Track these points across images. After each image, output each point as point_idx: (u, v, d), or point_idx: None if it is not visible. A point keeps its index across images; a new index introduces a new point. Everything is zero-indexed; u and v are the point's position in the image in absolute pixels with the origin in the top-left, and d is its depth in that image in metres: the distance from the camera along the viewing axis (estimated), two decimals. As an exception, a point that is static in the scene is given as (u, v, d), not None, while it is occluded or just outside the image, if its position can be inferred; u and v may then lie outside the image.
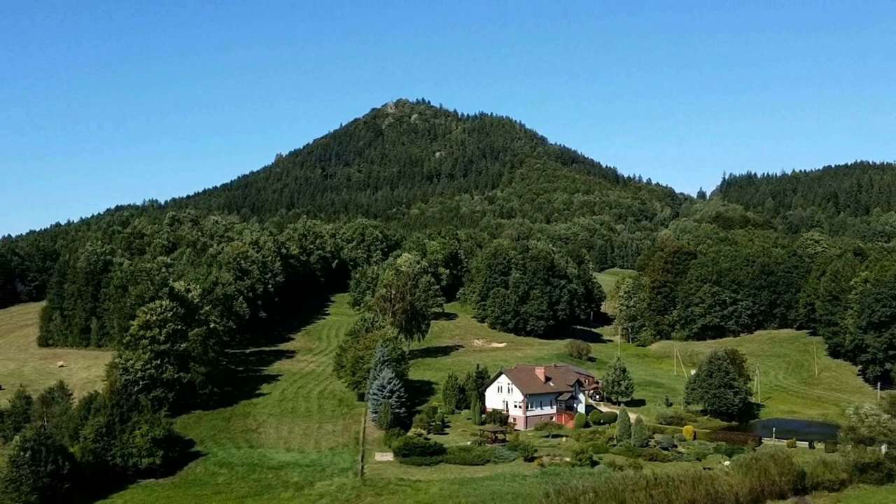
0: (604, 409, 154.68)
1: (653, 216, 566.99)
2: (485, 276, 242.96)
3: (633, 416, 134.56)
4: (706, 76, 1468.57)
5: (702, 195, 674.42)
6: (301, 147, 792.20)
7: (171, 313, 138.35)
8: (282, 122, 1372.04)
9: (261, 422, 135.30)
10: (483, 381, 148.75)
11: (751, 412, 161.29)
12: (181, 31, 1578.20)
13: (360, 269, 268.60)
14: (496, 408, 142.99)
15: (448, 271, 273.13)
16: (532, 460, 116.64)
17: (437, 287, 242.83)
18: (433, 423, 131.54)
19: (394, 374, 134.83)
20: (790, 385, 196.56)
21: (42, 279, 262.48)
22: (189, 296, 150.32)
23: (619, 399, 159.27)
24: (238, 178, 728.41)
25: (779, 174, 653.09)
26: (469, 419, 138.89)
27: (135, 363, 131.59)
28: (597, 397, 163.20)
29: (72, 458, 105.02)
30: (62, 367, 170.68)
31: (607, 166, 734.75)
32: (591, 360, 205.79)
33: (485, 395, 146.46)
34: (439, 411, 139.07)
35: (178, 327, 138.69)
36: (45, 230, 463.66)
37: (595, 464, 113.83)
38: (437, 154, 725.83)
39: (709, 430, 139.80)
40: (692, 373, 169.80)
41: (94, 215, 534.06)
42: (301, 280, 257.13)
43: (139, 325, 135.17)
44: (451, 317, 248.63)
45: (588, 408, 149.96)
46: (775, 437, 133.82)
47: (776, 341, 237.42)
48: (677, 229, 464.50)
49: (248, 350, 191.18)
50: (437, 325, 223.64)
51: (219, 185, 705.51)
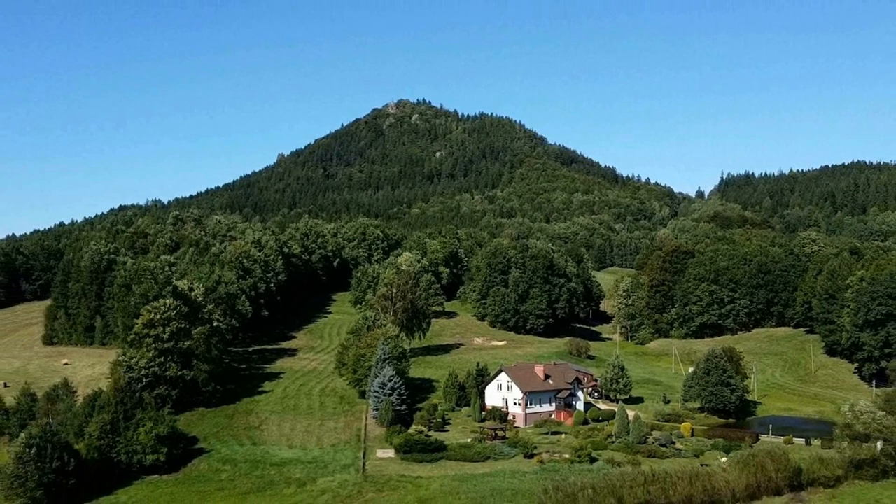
0: (602, 406, 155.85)
1: (651, 215, 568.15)
2: (485, 274, 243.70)
3: (631, 414, 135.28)
4: (705, 77, 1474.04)
5: (700, 195, 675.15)
6: (303, 147, 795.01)
7: (175, 312, 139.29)
8: (284, 122, 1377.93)
9: (263, 419, 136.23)
10: (483, 378, 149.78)
11: (748, 409, 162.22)
12: (184, 32, 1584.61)
13: (361, 268, 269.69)
14: (496, 405, 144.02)
15: (448, 270, 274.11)
16: (531, 457, 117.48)
17: (438, 286, 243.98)
18: (434, 421, 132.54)
19: (395, 372, 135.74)
20: (787, 383, 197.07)
21: (46, 278, 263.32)
22: (192, 294, 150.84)
23: (618, 396, 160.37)
24: (240, 177, 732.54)
25: (776, 174, 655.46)
26: (469, 416, 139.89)
27: (139, 361, 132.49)
28: (595, 395, 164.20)
29: (77, 454, 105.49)
30: (66, 365, 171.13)
31: (606, 166, 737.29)
32: (590, 358, 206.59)
33: (485, 393, 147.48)
34: (440, 409, 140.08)
35: (182, 326, 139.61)
36: (49, 229, 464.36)
37: (594, 460, 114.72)
38: (438, 154, 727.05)
39: (706, 427, 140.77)
40: (690, 370, 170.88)
41: (97, 215, 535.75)
42: (303, 279, 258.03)
43: (143, 323, 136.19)
44: (451, 315, 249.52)
45: (587, 405, 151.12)
46: (772, 433, 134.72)
47: (773, 339, 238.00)
48: (676, 228, 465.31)
49: (251, 348, 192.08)
50: (438, 324, 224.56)
51: (221, 185, 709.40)
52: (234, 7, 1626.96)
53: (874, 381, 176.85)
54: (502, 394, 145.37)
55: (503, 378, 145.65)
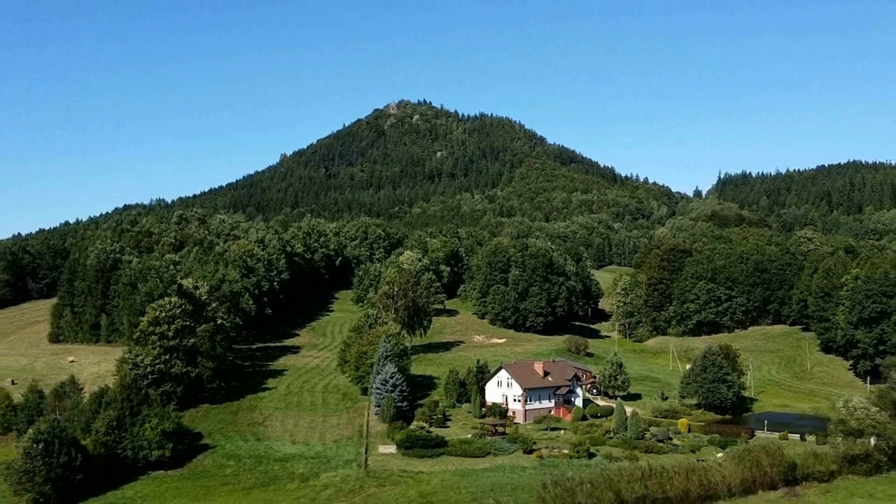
0: (601, 402, 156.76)
1: (650, 215, 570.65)
2: (485, 273, 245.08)
3: (629, 410, 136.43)
4: (702, 78, 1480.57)
5: (698, 194, 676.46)
6: (305, 147, 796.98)
7: (180, 310, 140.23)
8: (286, 123, 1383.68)
9: (267, 415, 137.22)
10: (483, 375, 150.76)
11: (744, 406, 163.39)
12: (187, 35, 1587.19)
13: (363, 266, 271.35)
14: (496, 402, 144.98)
15: (449, 269, 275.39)
16: (531, 452, 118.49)
17: (439, 284, 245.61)
18: (435, 417, 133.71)
19: (396, 369, 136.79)
20: (783, 379, 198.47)
21: (52, 277, 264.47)
22: (197, 293, 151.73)
23: (616, 393, 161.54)
24: (243, 177, 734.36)
25: (773, 173, 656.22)
26: (470, 413, 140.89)
27: (144, 358, 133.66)
28: (594, 391, 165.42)
29: (84, 450, 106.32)
30: (73, 362, 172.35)
31: (605, 166, 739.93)
32: (589, 355, 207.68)
33: (485, 390, 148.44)
34: (440, 405, 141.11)
35: (187, 323, 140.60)
36: (54, 229, 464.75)
37: (592, 456, 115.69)
38: (439, 154, 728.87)
39: (703, 424, 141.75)
40: (687, 367, 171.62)
41: (102, 214, 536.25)
42: (305, 277, 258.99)
43: (149, 321, 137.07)
44: (452, 313, 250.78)
45: (585, 401, 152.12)
46: (767, 429, 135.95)
47: (770, 337, 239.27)
48: (674, 227, 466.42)
49: (255, 346, 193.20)
50: (439, 322, 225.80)
51: (225, 185, 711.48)
52: (239, 11, 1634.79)
53: (868, 378, 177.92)
54: (502, 390, 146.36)
55: (503, 375, 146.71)
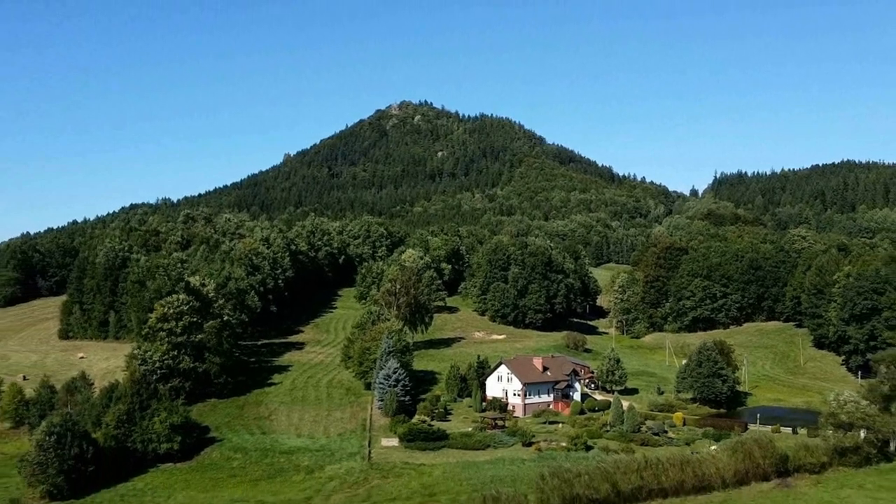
0: (598, 397, 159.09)
1: (647, 213, 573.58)
2: (485, 271, 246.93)
3: (626, 404, 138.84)
4: (699, 79, 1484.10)
5: (694, 193, 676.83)
6: (308, 147, 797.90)
7: (188, 307, 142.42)
8: (290, 123, 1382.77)
9: (273, 409, 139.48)
10: (484, 370, 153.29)
11: (738, 400, 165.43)
12: (192, 36, 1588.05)
13: (365, 264, 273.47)
14: (496, 396, 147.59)
15: (450, 266, 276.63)
16: (530, 445, 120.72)
17: (440, 281, 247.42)
18: (436, 411, 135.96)
19: (399, 365, 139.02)
20: (777, 374, 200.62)
21: (62, 275, 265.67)
22: (204, 290, 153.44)
23: (613, 388, 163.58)
24: (248, 177, 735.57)
25: (768, 173, 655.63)
26: (470, 407, 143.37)
27: (153, 354, 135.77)
28: (592, 386, 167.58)
29: (95, 443, 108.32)
30: (82, 358, 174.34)
31: (603, 165, 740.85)
32: (587, 351, 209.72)
33: (485, 384, 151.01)
34: (442, 399, 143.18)
35: (194, 320, 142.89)
36: (62, 228, 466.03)
37: (589, 448, 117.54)
38: (440, 154, 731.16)
39: (698, 417, 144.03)
40: (683, 363, 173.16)
41: (109, 213, 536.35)
42: (309, 275, 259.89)
43: (157, 317, 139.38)
44: (452, 310, 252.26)
45: (583, 396, 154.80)
46: (760, 423, 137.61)
47: (764, 333, 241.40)
48: (670, 226, 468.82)
49: (260, 342, 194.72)
50: (440, 318, 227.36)
51: (229, 184, 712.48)
52: (243, 12, 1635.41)
53: (860, 373, 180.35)
54: (502, 385, 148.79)
55: (503, 370, 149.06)
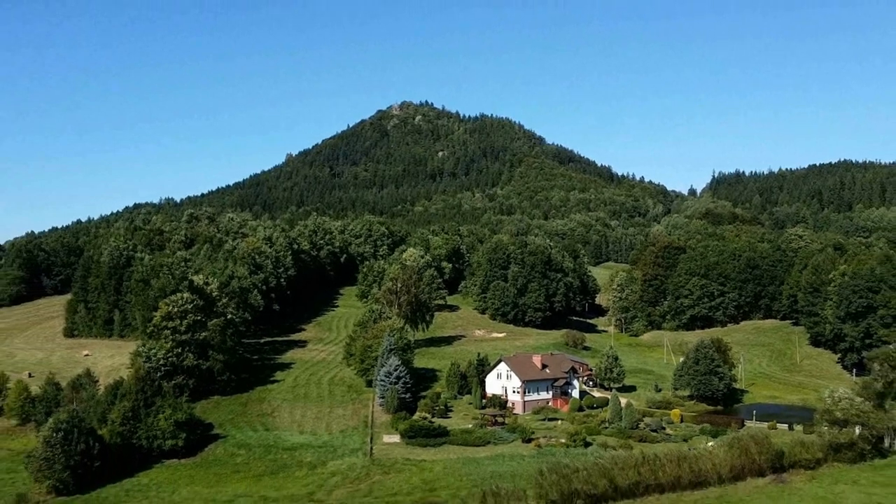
0: (597, 394, 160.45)
1: (645, 213, 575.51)
2: (485, 269, 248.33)
3: (624, 401, 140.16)
4: (698, 79, 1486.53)
5: (692, 192, 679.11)
6: (310, 147, 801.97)
7: (191, 305, 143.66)
8: (292, 123, 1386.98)
9: (275, 406, 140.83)
10: (484, 368, 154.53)
11: (735, 397, 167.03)
12: (192, 37, 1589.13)
13: (367, 263, 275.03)
14: (496, 393, 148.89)
15: (451, 265, 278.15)
16: (529, 442, 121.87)
17: (441, 280, 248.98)
18: (437, 408, 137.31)
19: (400, 362, 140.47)
20: (773, 372, 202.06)
21: (66, 273, 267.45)
22: (207, 289, 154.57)
23: (612, 385, 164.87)
24: (250, 177, 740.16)
25: (766, 172, 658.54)
26: (470, 404, 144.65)
27: (157, 352, 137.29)
28: (590, 383, 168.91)
29: (101, 439, 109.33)
30: (87, 356, 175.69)
31: (602, 165, 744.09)
32: (586, 349, 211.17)
33: (485, 382, 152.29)
34: (442, 396, 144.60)
35: (198, 318, 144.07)
36: (67, 227, 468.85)
37: (588, 445, 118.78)
38: (440, 153, 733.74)
39: (695, 414, 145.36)
40: (680, 360, 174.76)
41: (113, 213, 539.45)
42: (312, 274, 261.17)
43: (161, 316, 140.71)
44: (453, 308, 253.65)
45: (582, 393, 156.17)
46: (757, 419, 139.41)
47: (761, 331, 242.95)
48: (669, 225, 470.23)
49: (263, 340, 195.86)
50: (441, 317, 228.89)
51: (232, 184, 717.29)
52: (245, 14, 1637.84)
53: (855, 371, 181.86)
54: (502, 382, 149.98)
55: (503, 367, 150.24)
